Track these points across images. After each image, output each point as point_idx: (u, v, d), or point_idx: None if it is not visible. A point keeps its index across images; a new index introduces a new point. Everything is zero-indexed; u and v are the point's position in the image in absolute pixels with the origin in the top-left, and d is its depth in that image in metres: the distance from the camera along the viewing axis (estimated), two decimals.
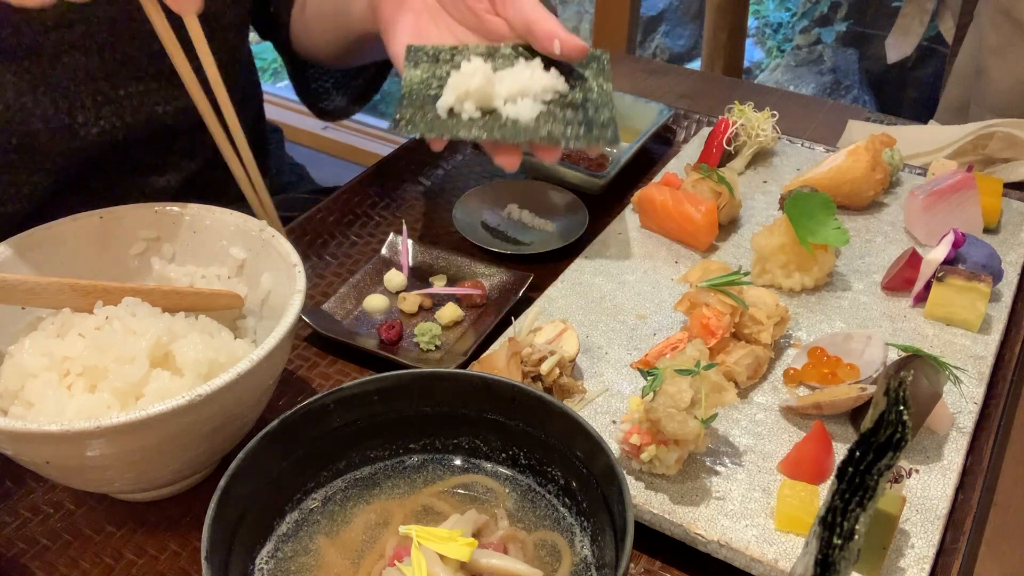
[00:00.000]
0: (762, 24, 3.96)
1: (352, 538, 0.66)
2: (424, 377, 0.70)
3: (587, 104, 0.90)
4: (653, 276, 1.01)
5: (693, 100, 1.48)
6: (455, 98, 0.89)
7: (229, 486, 0.60)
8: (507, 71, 0.90)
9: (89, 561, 0.75)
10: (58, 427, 0.63)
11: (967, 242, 0.96)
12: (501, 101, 0.89)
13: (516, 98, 0.89)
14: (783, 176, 1.18)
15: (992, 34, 1.59)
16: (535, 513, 0.68)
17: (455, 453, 0.72)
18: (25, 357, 0.73)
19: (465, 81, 0.88)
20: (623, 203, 1.15)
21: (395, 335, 0.94)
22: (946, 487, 0.76)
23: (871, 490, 0.47)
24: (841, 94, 3.61)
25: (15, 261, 0.80)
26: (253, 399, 0.74)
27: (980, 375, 0.87)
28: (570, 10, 3.92)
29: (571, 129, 0.88)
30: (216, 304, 0.83)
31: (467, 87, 0.88)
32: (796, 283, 0.97)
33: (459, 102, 0.89)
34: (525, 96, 0.88)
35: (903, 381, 0.48)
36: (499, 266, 1.03)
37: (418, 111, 0.90)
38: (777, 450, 0.80)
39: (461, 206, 1.13)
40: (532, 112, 0.88)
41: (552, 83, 0.90)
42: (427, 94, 0.91)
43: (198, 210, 0.87)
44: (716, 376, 0.75)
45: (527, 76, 0.89)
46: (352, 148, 3.04)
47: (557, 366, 0.83)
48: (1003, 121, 1.24)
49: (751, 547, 0.71)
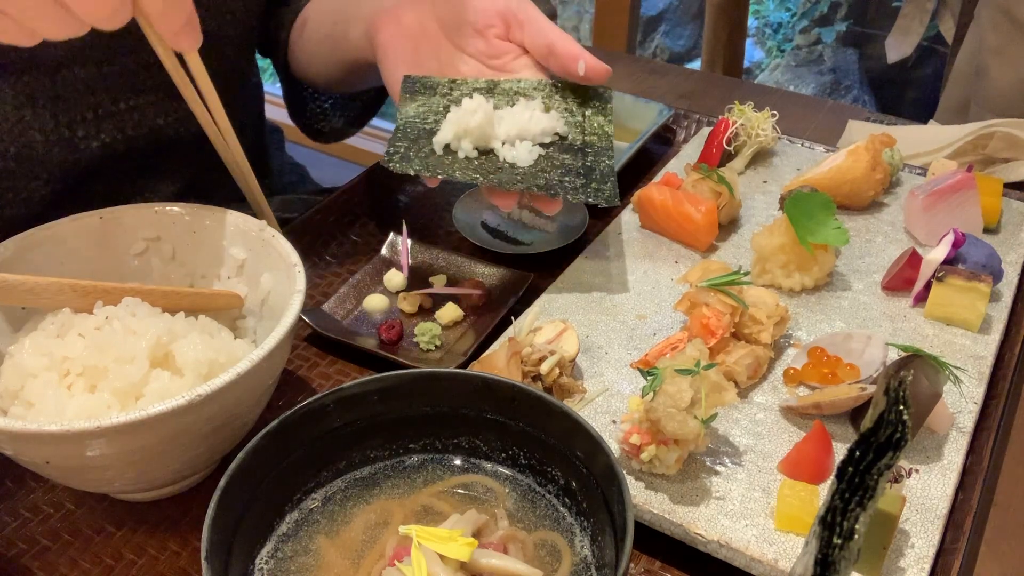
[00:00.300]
0: (762, 24, 3.96)
1: (352, 538, 0.66)
2: (424, 377, 0.70)
3: (587, 150, 0.89)
4: (653, 276, 1.01)
5: (693, 100, 1.48)
6: (453, 135, 0.87)
7: (229, 486, 0.60)
8: (506, 111, 0.89)
9: (89, 561, 0.75)
10: (58, 427, 0.63)
11: (967, 242, 0.96)
12: (499, 143, 0.88)
13: (515, 140, 0.87)
14: (783, 176, 1.18)
15: (992, 34, 1.59)
16: (535, 513, 0.68)
17: (455, 453, 0.72)
18: (25, 357, 0.73)
19: (465, 119, 0.87)
20: (623, 203, 1.15)
21: (395, 335, 0.94)
22: (946, 487, 0.76)
23: (871, 490, 0.47)
24: (841, 94, 3.61)
25: (15, 261, 0.80)
26: (253, 399, 0.74)
27: (980, 375, 0.87)
28: (570, 10, 3.92)
29: (569, 179, 0.86)
30: (216, 304, 0.83)
31: (466, 125, 0.86)
32: (796, 283, 0.97)
33: (456, 139, 0.87)
34: (524, 139, 0.87)
35: (903, 381, 0.48)
36: (499, 266, 1.03)
37: (412, 145, 0.88)
38: (777, 450, 0.80)
39: (461, 206, 1.13)
40: (530, 157, 0.87)
41: (551, 125, 0.88)
42: (423, 128, 0.90)
43: (198, 210, 0.87)
44: (716, 376, 0.75)
45: (526, 118, 0.88)
46: (352, 148, 3.04)
47: (557, 366, 0.83)
48: (1003, 121, 1.24)
49: (751, 547, 0.71)
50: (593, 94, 0.91)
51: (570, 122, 0.91)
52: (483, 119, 0.86)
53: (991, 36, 1.59)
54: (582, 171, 0.87)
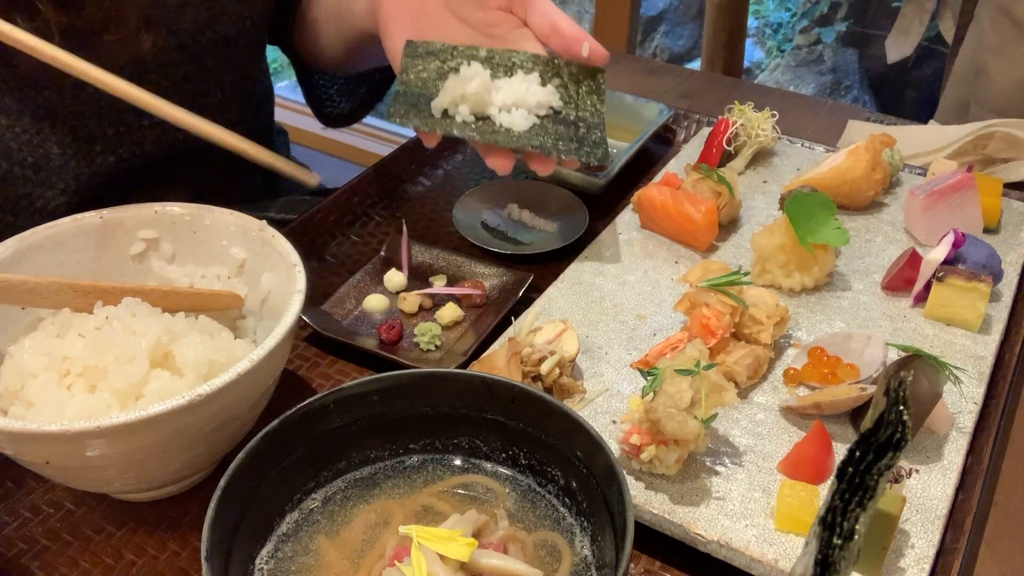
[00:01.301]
0: (762, 24, 3.96)
1: (352, 538, 0.66)
2: (424, 377, 0.70)
3: (580, 123, 0.91)
4: (653, 276, 1.01)
5: (693, 100, 1.48)
6: (450, 100, 0.89)
7: (229, 486, 0.60)
8: (504, 80, 0.91)
9: (89, 561, 0.75)
10: (58, 427, 0.63)
11: (967, 242, 0.96)
12: (495, 109, 0.90)
13: (511, 108, 0.89)
14: (783, 176, 1.18)
15: (992, 34, 1.59)
16: (535, 513, 0.68)
17: (455, 453, 0.72)
18: (25, 357, 0.73)
19: (462, 85, 0.89)
20: (623, 203, 1.15)
21: (395, 335, 0.94)
22: (946, 487, 0.76)
23: (871, 490, 0.47)
24: (841, 94, 3.61)
25: (15, 261, 0.80)
26: (253, 399, 0.74)
27: (980, 375, 0.87)
28: (570, 10, 3.92)
29: (563, 143, 0.89)
30: (216, 304, 0.83)
31: (464, 91, 0.88)
32: (796, 283, 0.97)
33: (454, 104, 0.90)
34: (520, 107, 0.89)
35: (903, 381, 0.48)
36: (499, 266, 1.03)
37: (411, 108, 0.91)
38: (777, 450, 0.79)
39: (461, 206, 1.13)
40: (525, 123, 0.89)
41: (547, 98, 0.91)
42: (422, 93, 0.92)
43: (198, 210, 0.87)
44: (716, 376, 0.75)
45: (523, 89, 0.90)
46: (352, 148, 3.04)
47: (557, 366, 0.83)
48: (1003, 121, 1.24)
49: (751, 547, 0.71)
50: (588, 74, 0.93)
51: (564, 98, 0.93)
52: (480, 86, 0.89)
53: (991, 36, 1.59)
54: (575, 139, 0.90)
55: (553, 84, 0.93)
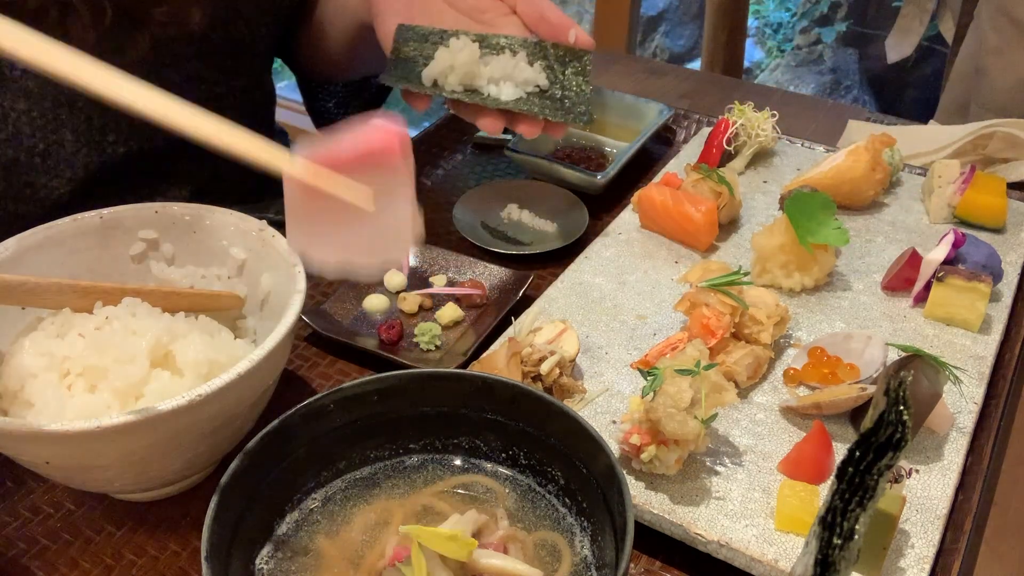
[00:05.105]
0: (762, 24, 3.96)
1: (352, 538, 0.66)
2: (424, 377, 0.70)
3: (564, 100, 0.94)
4: (653, 276, 1.01)
5: (693, 100, 1.48)
6: (440, 70, 0.92)
7: (229, 486, 0.60)
8: (493, 58, 0.93)
9: (89, 561, 0.75)
10: (58, 427, 0.63)
11: (967, 242, 0.96)
12: (484, 81, 0.92)
13: (499, 81, 0.92)
14: (783, 176, 1.18)
15: (992, 34, 1.59)
16: (535, 513, 0.68)
17: (455, 453, 0.72)
18: (25, 357, 0.73)
19: (451, 56, 0.91)
20: (623, 203, 1.15)
21: (395, 335, 0.94)
22: (946, 487, 0.76)
23: (871, 490, 0.47)
24: (841, 94, 3.61)
25: (15, 261, 0.80)
26: (253, 399, 0.74)
27: (980, 375, 0.87)
28: (570, 10, 3.92)
29: (548, 111, 0.92)
30: (216, 304, 0.83)
31: (452, 61, 0.91)
32: (796, 283, 0.97)
33: (443, 75, 0.92)
34: (508, 80, 0.91)
35: (903, 381, 0.48)
36: (499, 266, 1.03)
37: (402, 80, 0.93)
38: (777, 450, 0.79)
39: (461, 206, 1.13)
40: (512, 96, 0.92)
41: (534, 77, 0.93)
42: (413, 68, 0.94)
43: (198, 210, 0.86)
44: (716, 376, 0.75)
45: (511, 65, 0.93)
46: None
47: (557, 366, 0.83)
48: (1003, 121, 1.24)
49: (751, 547, 0.71)
50: (574, 56, 0.95)
51: (551, 78, 0.96)
52: (469, 57, 0.91)
53: (991, 36, 1.59)
54: (560, 110, 0.93)
55: (540, 65, 0.95)
